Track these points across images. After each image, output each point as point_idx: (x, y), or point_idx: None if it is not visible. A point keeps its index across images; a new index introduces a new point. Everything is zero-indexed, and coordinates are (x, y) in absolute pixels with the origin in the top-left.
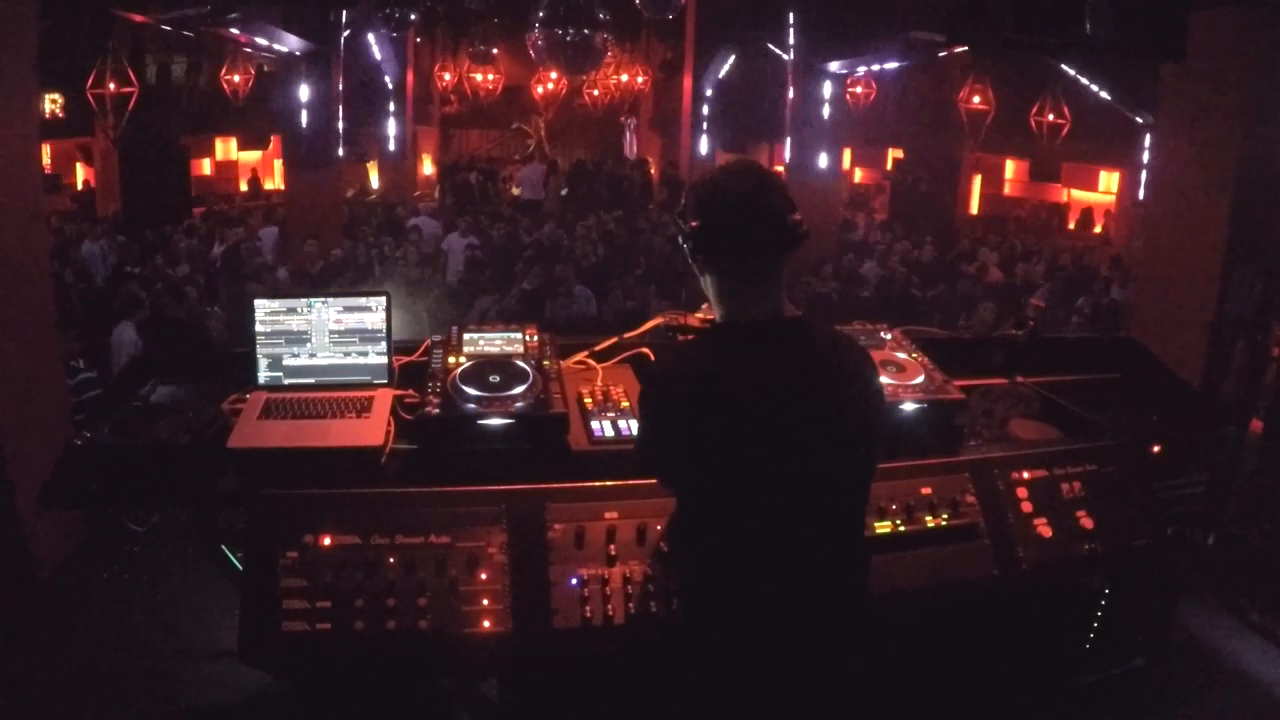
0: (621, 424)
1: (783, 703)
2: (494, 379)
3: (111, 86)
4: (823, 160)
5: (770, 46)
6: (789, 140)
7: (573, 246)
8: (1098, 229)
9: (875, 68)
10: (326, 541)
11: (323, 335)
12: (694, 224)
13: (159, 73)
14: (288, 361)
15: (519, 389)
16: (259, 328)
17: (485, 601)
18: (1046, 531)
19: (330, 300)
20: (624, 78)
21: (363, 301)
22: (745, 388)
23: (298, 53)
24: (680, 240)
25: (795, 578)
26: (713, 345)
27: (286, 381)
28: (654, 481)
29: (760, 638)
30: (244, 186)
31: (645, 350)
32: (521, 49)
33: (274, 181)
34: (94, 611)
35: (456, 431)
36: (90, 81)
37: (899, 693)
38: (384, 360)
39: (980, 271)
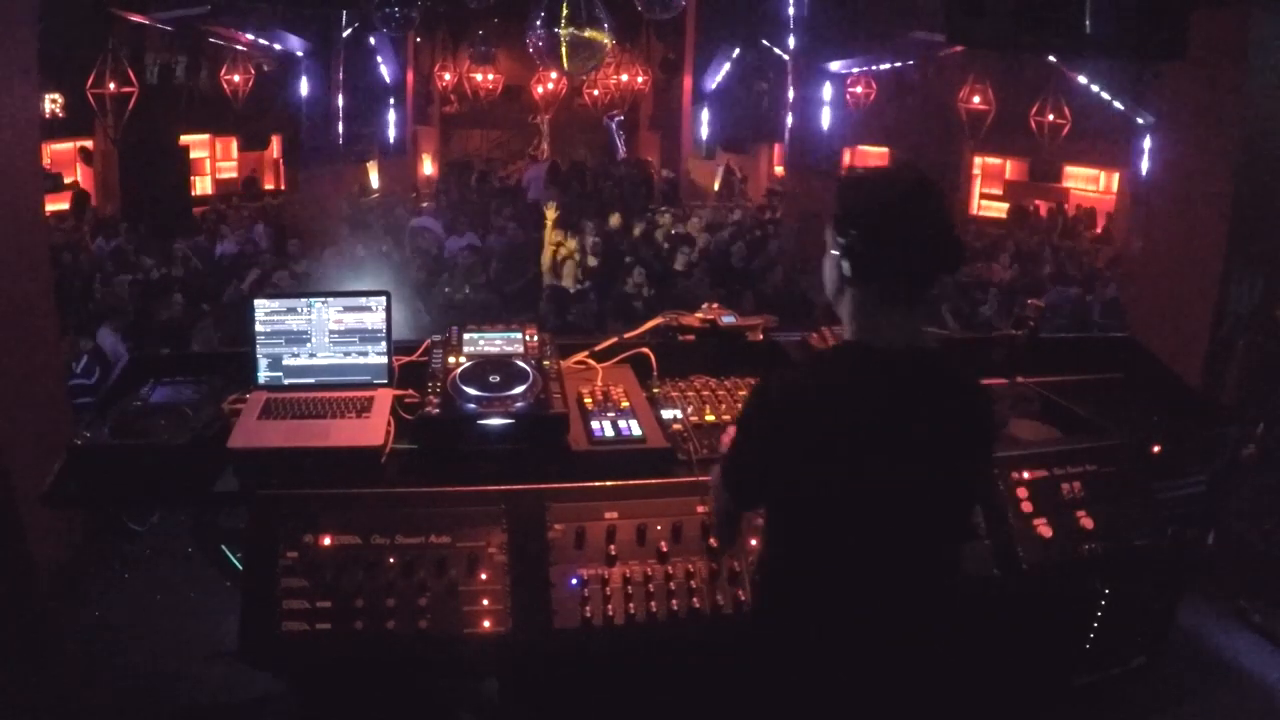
0: (621, 424)
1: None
2: (494, 379)
3: (111, 86)
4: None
5: (770, 46)
6: (788, 140)
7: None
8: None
9: (876, 67)
10: (326, 541)
11: (323, 335)
12: (852, 234)
13: (159, 73)
14: (288, 361)
15: (519, 389)
16: (259, 328)
17: (485, 601)
18: (1046, 531)
19: (330, 300)
20: (624, 78)
21: (363, 301)
22: (855, 417)
23: (298, 53)
24: (835, 252)
25: (879, 611)
26: (836, 368)
27: (286, 381)
28: (654, 482)
29: (835, 663)
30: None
31: (645, 350)
32: (521, 49)
33: (275, 182)
34: (94, 611)
35: (456, 431)
36: (90, 81)
37: (899, 692)
38: (384, 360)
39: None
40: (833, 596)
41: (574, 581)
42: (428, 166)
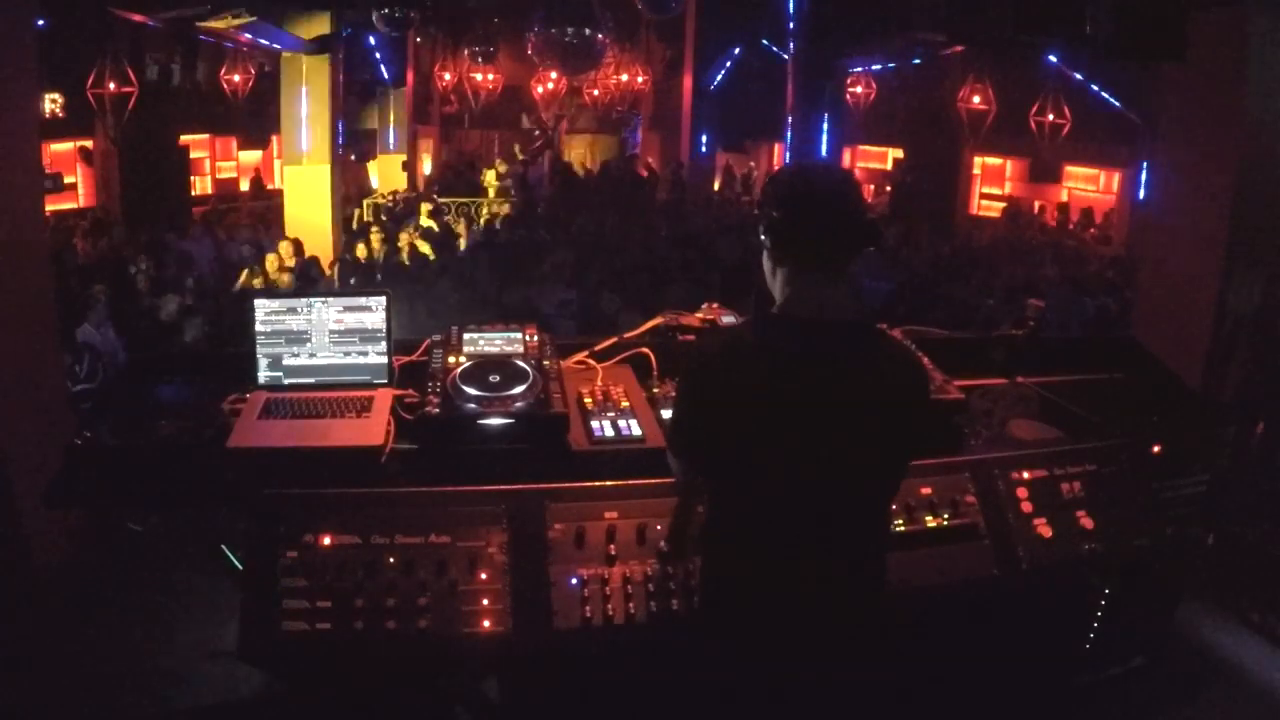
0: (621, 424)
1: (790, 694)
2: (494, 379)
3: (111, 86)
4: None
5: (771, 46)
6: (789, 140)
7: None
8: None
9: (876, 67)
10: (326, 541)
11: (323, 335)
12: (777, 215)
13: (159, 73)
14: (288, 361)
15: (519, 389)
16: (259, 327)
17: (485, 601)
18: (1046, 531)
19: (330, 300)
20: (624, 77)
21: (363, 301)
22: (781, 381)
23: (297, 53)
24: (762, 232)
25: (806, 573)
26: (762, 333)
27: (286, 381)
28: (654, 482)
29: (768, 635)
30: (245, 186)
31: (645, 350)
32: (521, 49)
33: (275, 182)
34: (94, 611)
35: (456, 431)
36: (90, 81)
37: (900, 692)
38: (384, 360)
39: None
40: (762, 555)
41: (574, 581)
42: (428, 166)
